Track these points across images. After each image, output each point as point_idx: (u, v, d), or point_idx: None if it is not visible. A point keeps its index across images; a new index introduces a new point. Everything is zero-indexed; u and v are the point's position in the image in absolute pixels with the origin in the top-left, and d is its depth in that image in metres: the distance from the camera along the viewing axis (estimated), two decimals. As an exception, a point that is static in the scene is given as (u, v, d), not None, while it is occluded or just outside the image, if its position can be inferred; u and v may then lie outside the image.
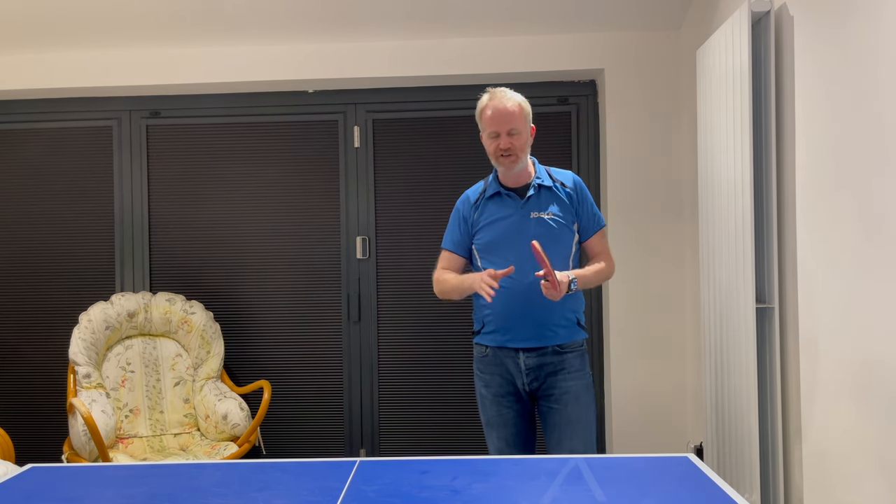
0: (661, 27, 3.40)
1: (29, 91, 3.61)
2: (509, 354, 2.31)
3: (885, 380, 1.81)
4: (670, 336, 3.43)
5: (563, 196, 2.34)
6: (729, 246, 2.53)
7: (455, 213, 2.45)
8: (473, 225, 2.37)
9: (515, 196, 2.33)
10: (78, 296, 3.70)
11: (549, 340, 2.28)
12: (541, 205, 2.31)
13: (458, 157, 3.63)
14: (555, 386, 2.29)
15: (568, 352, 2.31)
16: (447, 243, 2.45)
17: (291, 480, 1.70)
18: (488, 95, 2.30)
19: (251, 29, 3.41)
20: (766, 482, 2.45)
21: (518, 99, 2.28)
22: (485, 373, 2.37)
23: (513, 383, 2.33)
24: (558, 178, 2.37)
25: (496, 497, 1.57)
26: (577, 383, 2.30)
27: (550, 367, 2.29)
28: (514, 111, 2.24)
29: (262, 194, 3.69)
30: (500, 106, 2.24)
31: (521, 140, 2.27)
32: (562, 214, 2.31)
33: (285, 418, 3.67)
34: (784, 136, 2.35)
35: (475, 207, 2.38)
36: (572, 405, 2.28)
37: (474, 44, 3.47)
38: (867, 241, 1.88)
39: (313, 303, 3.67)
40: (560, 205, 2.32)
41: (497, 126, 2.25)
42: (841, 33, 1.99)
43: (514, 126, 2.24)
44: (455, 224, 2.43)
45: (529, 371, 2.29)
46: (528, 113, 2.30)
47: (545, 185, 2.33)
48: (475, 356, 2.42)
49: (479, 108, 2.31)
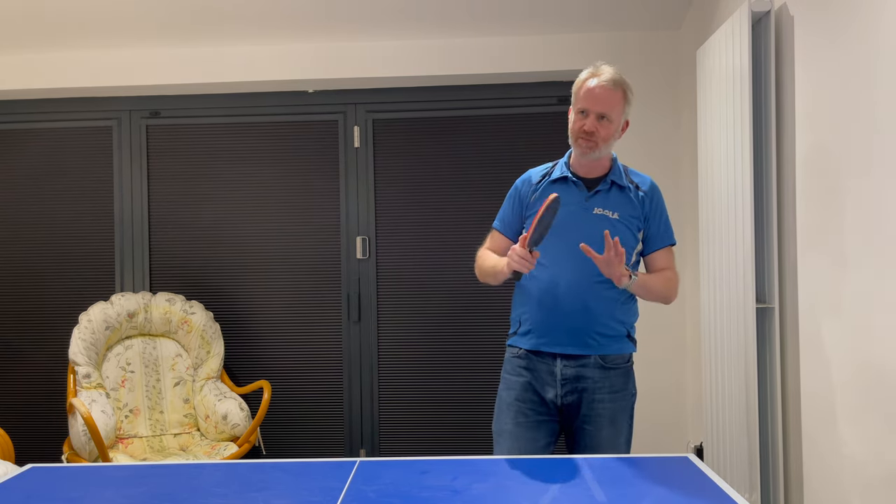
0: (661, 27, 3.40)
1: (29, 91, 3.61)
2: (544, 360, 2.07)
3: (886, 380, 1.81)
4: (670, 336, 3.43)
5: (636, 200, 2.08)
6: (729, 246, 2.53)
7: (513, 191, 2.20)
8: (528, 207, 2.13)
9: (583, 186, 2.08)
10: (78, 296, 3.70)
11: (593, 349, 2.04)
12: (608, 202, 2.06)
13: (458, 157, 3.63)
14: (591, 406, 2.05)
15: (612, 367, 2.07)
16: (497, 222, 2.22)
17: (291, 480, 1.70)
18: (591, 70, 2.04)
19: (251, 29, 3.41)
20: (766, 482, 2.45)
21: (623, 83, 2.02)
22: (511, 374, 2.13)
23: (539, 394, 2.08)
24: (635, 179, 2.12)
25: (496, 497, 1.57)
26: (616, 405, 2.06)
27: (590, 381, 2.05)
28: (613, 96, 1.99)
29: (262, 194, 3.69)
30: (600, 84, 1.99)
31: (608, 128, 2.01)
32: (628, 218, 2.06)
33: (285, 418, 3.67)
34: (784, 136, 2.35)
35: (535, 188, 2.13)
36: (607, 429, 2.05)
37: (474, 44, 3.47)
38: (867, 241, 1.88)
39: (313, 303, 3.67)
40: (629, 207, 2.07)
41: (588, 104, 2.00)
42: (841, 33, 1.99)
43: (606, 111, 1.99)
44: (510, 203, 2.19)
45: (566, 382, 2.05)
46: (628, 101, 2.04)
47: (619, 183, 2.08)
48: (506, 358, 2.18)
49: (578, 81, 2.05)
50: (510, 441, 2.07)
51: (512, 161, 3.56)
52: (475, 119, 3.62)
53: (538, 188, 2.13)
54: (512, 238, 2.17)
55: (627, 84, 2.04)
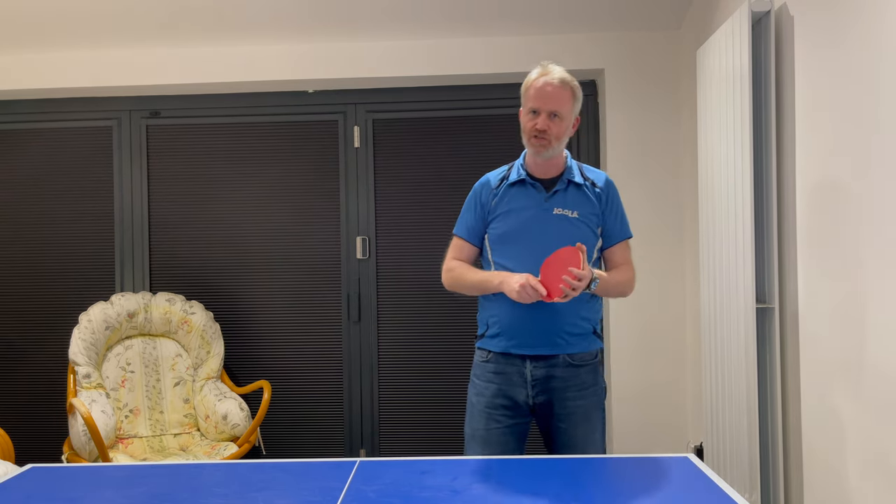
0: (661, 27, 3.40)
1: (29, 91, 3.61)
2: (514, 362, 2.11)
3: (885, 380, 1.81)
4: (670, 336, 3.43)
5: (593, 196, 2.13)
6: (729, 246, 2.53)
7: (472, 196, 2.22)
8: (490, 212, 2.17)
9: (541, 187, 2.13)
10: (78, 296, 3.70)
11: (561, 349, 2.08)
12: (567, 202, 2.11)
13: (458, 157, 3.63)
14: (564, 405, 2.10)
15: (581, 364, 2.11)
16: (460, 230, 2.23)
17: (291, 480, 1.70)
18: (540, 70, 2.08)
19: (251, 29, 3.41)
20: (766, 482, 2.45)
21: (570, 81, 2.07)
22: (481, 379, 2.16)
23: (511, 396, 2.12)
24: (590, 176, 2.17)
25: (496, 497, 1.57)
26: (588, 402, 2.11)
27: (560, 380, 2.09)
28: (562, 93, 2.04)
29: (262, 194, 3.69)
30: (549, 83, 2.04)
31: (560, 126, 2.05)
32: (587, 215, 2.12)
33: (285, 418, 3.67)
34: (784, 136, 2.35)
35: (495, 193, 2.17)
36: (581, 426, 2.10)
37: (474, 44, 3.47)
38: (867, 241, 1.88)
39: (313, 303, 3.67)
40: (588, 205, 2.12)
41: (539, 103, 2.04)
42: (841, 33, 1.99)
43: (557, 109, 2.04)
44: (471, 209, 2.21)
45: (536, 383, 2.09)
46: (577, 99, 2.09)
47: (575, 181, 2.13)
48: (475, 362, 2.21)
49: (527, 81, 2.09)
50: (482, 445, 2.12)
51: (512, 161, 3.55)
52: (475, 119, 3.62)
53: (497, 192, 2.17)
54: (478, 244, 2.20)
55: (575, 82, 2.08)
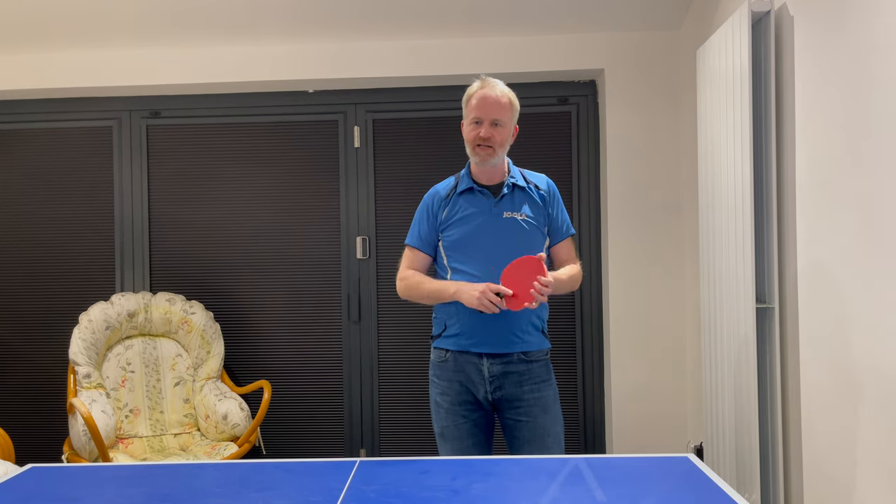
0: (661, 27, 3.40)
1: (29, 91, 3.61)
2: (471, 360, 2.20)
3: (885, 380, 1.81)
4: (670, 336, 3.43)
5: (537, 198, 2.27)
6: (729, 246, 2.53)
7: (423, 207, 2.33)
8: (443, 221, 2.28)
9: (489, 193, 2.24)
10: (78, 296, 3.70)
11: (516, 347, 2.19)
12: (514, 205, 2.24)
13: (458, 158, 3.62)
14: (521, 397, 2.19)
15: (534, 361, 2.22)
16: (413, 240, 2.34)
17: (291, 480, 1.70)
18: (479, 83, 2.22)
19: (251, 29, 3.41)
20: (766, 482, 2.45)
21: (508, 92, 2.21)
22: (442, 379, 2.25)
23: (471, 392, 2.22)
24: (532, 179, 2.31)
25: (496, 497, 1.57)
26: (545, 394, 2.21)
27: (515, 376, 2.19)
28: (502, 102, 2.17)
29: (262, 194, 3.69)
30: (489, 94, 2.17)
31: (502, 133, 2.19)
32: (534, 216, 2.24)
33: (285, 418, 3.67)
34: (784, 136, 2.35)
35: (445, 203, 2.28)
36: (542, 417, 2.19)
37: (474, 44, 3.47)
38: (867, 241, 1.88)
39: (313, 303, 3.67)
40: (533, 206, 2.25)
41: (481, 113, 2.17)
42: (841, 33, 1.99)
43: (498, 117, 2.17)
44: (422, 219, 2.32)
45: (493, 378, 2.19)
46: (515, 109, 2.23)
47: (519, 184, 2.26)
48: (432, 361, 2.30)
49: (468, 94, 2.22)
50: (454, 442, 2.22)
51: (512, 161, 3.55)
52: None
53: (448, 202, 2.28)
54: (430, 253, 2.32)
55: (511, 93, 2.22)
